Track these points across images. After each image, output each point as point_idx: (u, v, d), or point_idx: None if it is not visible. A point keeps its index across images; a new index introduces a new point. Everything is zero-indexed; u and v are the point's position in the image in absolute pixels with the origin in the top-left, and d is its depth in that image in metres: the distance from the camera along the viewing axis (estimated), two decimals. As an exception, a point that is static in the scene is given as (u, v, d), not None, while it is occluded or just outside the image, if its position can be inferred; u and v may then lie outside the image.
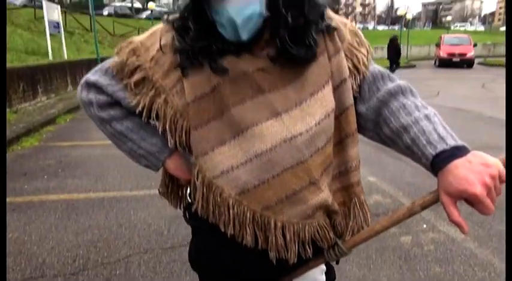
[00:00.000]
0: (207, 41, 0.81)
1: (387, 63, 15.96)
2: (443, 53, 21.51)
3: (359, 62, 0.88)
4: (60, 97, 9.53)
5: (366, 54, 0.90)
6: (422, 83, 13.70)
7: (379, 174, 4.26)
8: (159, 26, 0.90)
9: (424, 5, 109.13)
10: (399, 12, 29.00)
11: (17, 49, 10.93)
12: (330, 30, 0.86)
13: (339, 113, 0.87)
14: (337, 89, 0.86)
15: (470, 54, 21.27)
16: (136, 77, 0.86)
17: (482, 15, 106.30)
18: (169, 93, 0.84)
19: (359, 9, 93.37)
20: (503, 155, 0.77)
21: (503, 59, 25.09)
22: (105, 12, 33.07)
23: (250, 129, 0.81)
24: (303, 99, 0.83)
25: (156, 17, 24.29)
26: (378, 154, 4.69)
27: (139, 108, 0.88)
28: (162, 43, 0.86)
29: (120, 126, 0.94)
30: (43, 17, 11.69)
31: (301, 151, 0.82)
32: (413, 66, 22.20)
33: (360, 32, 0.92)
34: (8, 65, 7.67)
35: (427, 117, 0.80)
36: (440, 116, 0.86)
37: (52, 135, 6.27)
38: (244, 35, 0.77)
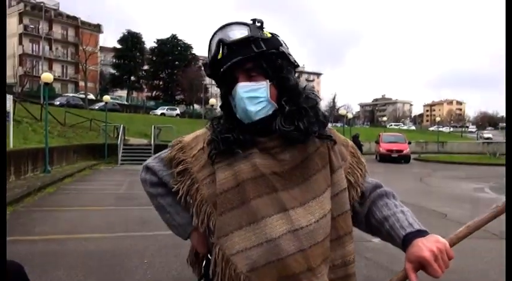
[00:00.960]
0: (231, 132, 1.06)
1: None
2: (382, 149, 23.31)
3: (358, 179, 1.16)
4: (0, 188, 8.95)
5: (362, 172, 1.18)
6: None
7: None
8: (204, 129, 1.18)
9: (362, 106, 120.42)
10: (341, 112, 31.63)
11: (-41, 137, 10.42)
12: (330, 139, 1.10)
13: (338, 215, 1.08)
14: (337, 196, 1.08)
15: (406, 150, 23.26)
16: (179, 168, 1.14)
17: (412, 116, 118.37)
18: (200, 184, 1.09)
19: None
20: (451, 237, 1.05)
21: (436, 155, 27.66)
22: (57, 103, 33.03)
23: (264, 219, 1.01)
24: (306, 201, 1.04)
25: (110, 109, 24.56)
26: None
27: (179, 192, 1.13)
28: (204, 144, 1.13)
29: (162, 201, 1.19)
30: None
31: (302, 241, 1.00)
32: (357, 160, 23.61)
33: (358, 153, 1.21)
34: None
35: (402, 211, 1.11)
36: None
37: (-11, 230, 5.75)
38: (252, 109, 1.02)
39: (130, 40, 55.17)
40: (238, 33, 1.02)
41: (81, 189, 10.52)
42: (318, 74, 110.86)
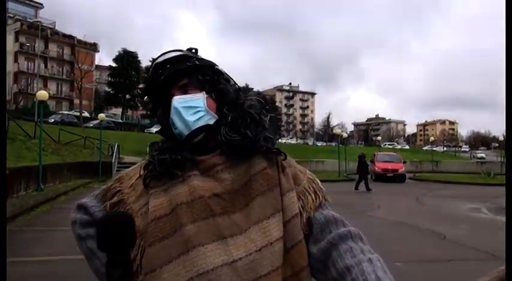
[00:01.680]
0: (168, 152, 0.96)
1: (337, 175, 17.00)
2: (378, 169, 23.35)
3: (307, 203, 0.96)
4: (-8, 207, 8.79)
5: (316, 199, 0.98)
6: (363, 196, 14.51)
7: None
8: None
9: (355, 125, 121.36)
10: (336, 132, 31.77)
11: (-49, 154, 10.29)
12: (279, 153, 0.99)
13: (291, 246, 0.91)
14: (288, 223, 0.91)
15: (402, 170, 23.33)
16: (114, 200, 0.98)
17: (406, 135, 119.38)
18: (135, 216, 0.92)
19: (299, 126, 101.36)
20: None
21: (430, 175, 27.76)
22: (51, 120, 32.88)
23: (195, 249, 0.86)
24: (248, 227, 0.89)
25: (105, 127, 24.49)
26: None
27: None
28: (143, 169, 1.00)
29: (92, 244, 0.96)
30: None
31: (241, 275, 0.84)
32: (352, 179, 23.61)
33: (318, 181, 1.03)
34: None
35: (369, 260, 0.83)
36: (385, 228, 1.02)
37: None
38: (190, 119, 0.95)
39: (126, 59, 55.48)
40: (172, 55, 1.01)
41: (74, 208, 10.34)
42: (312, 94, 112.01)
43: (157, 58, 1.03)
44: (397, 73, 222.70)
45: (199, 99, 0.98)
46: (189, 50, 1.06)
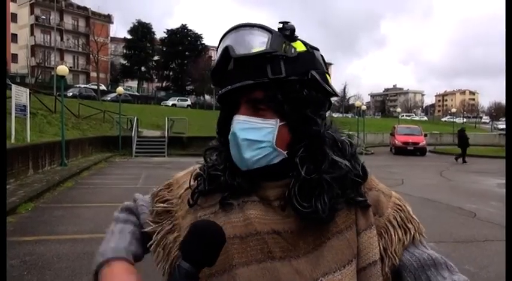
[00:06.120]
0: (223, 171, 0.79)
1: None
2: (398, 142, 22.97)
3: (391, 244, 0.76)
4: (20, 183, 8.93)
5: (405, 235, 0.77)
6: (385, 170, 14.28)
7: None
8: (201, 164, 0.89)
9: (372, 96, 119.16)
10: (355, 104, 31.12)
11: (-23, 131, 10.43)
12: (363, 205, 0.77)
13: None
14: (363, 272, 0.74)
15: (423, 143, 22.90)
16: (162, 207, 0.85)
17: (424, 106, 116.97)
18: (182, 234, 0.78)
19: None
20: None
21: (451, 147, 27.14)
22: (70, 94, 33.11)
23: None
24: (314, 279, 0.71)
25: (122, 100, 24.52)
26: None
27: (153, 238, 0.84)
28: (192, 182, 0.84)
29: (115, 226, 0.88)
30: (10, 98, 11.43)
31: None
32: (372, 153, 23.34)
33: (408, 208, 0.81)
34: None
35: None
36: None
37: (13, 228, 5.68)
38: (247, 157, 0.73)
39: (141, 31, 55.10)
40: (254, 42, 0.72)
41: (98, 183, 10.47)
42: (329, 64, 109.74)
43: (234, 31, 0.75)
44: (418, 40, 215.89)
45: (269, 128, 0.73)
46: (283, 29, 0.75)
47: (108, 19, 60.31)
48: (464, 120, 74.41)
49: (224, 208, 0.77)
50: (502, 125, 63.59)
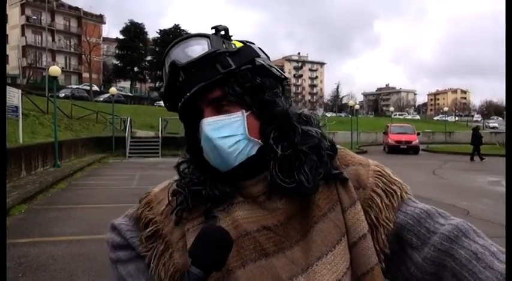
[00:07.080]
0: (202, 184, 0.78)
1: (349, 148, 17.11)
2: (391, 141, 23.14)
3: (381, 212, 0.76)
4: (13, 184, 8.87)
5: (392, 199, 0.77)
6: (378, 169, 14.36)
7: None
8: (175, 177, 0.87)
9: (365, 95, 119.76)
10: (349, 103, 31.28)
11: (-32, 132, 10.33)
12: (342, 180, 0.77)
13: (362, 274, 0.75)
14: (354, 247, 0.75)
15: (415, 142, 23.09)
16: (148, 231, 0.83)
17: (416, 105, 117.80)
18: (174, 249, 0.79)
19: (308, 97, 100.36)
20: None
21: (444, 146, 27.44)
22: (62, 95, 32.87)
23: None
24: (309, 265, 0.73)
25: (115, 101, 24.38)
26: None
27: (151, 264, 0.83)
28: (170, 196, 0.82)
29: (122, 269, 0.86)
30: (1, 101, 11.35)
31: None
32: (365, 151, 23.47)
33: (388, 172, 0.81)
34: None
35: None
36: None
37: (7, 230, 5.65)
38: (227, 155, 0.74)
39: (133, 31, 54.82)
40: (197, 49, 0.74)
41: (92, 184, 10.43)
42: (322, 64, 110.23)
43: (174, 47, 0.77)
44: (411, 40, 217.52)
45: (238, 121, 0.75)
46: (217, 31, 0.78)
47: (100, 19, 59.95)
48: (456, 118, 75.11)
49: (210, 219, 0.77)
50: (493, 123, 64.36)
